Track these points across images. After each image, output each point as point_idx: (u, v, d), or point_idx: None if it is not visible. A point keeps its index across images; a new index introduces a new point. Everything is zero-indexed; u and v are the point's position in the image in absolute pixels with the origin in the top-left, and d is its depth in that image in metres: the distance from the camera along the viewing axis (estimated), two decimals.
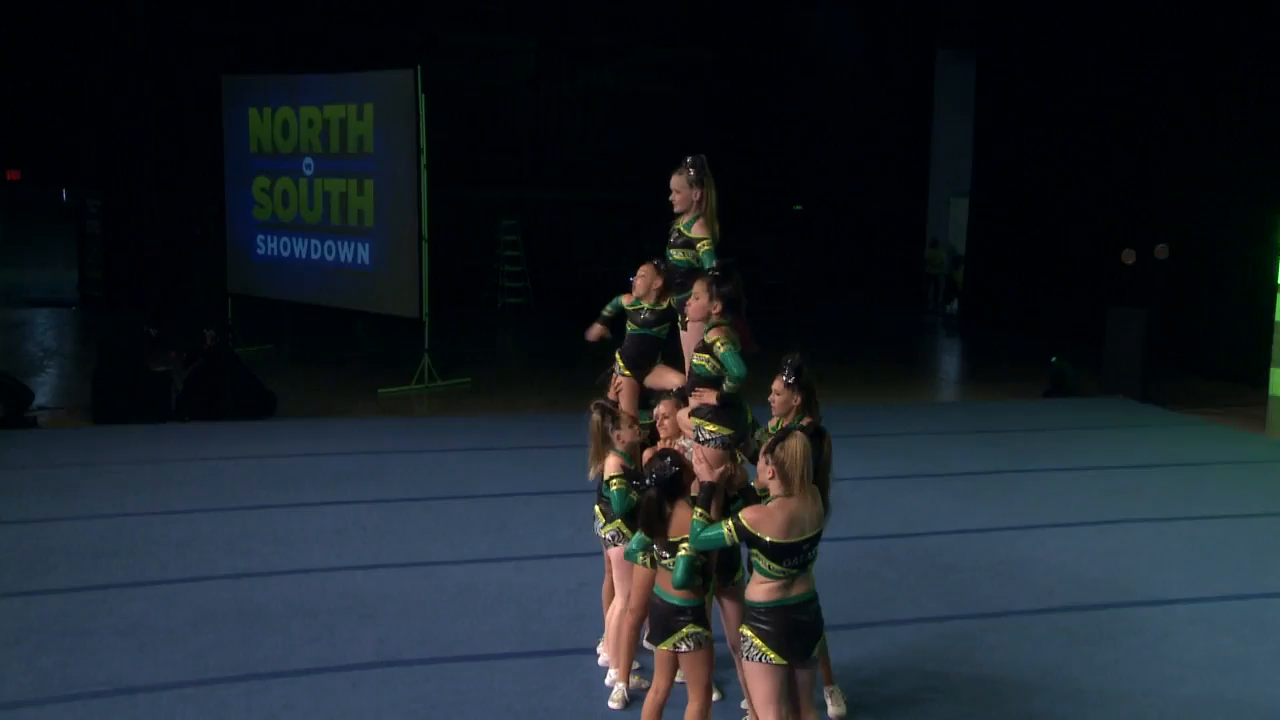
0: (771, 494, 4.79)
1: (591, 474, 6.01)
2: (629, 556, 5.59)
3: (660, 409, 5.98)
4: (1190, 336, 16.47)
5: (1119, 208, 18.41)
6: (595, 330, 6.67)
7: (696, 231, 6.05)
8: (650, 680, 5.38)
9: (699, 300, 5.59)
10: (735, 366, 5.43)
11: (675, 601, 5.03)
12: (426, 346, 15.08)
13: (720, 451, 5.03)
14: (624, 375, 6.31)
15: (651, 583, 5.60)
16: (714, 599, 5.32)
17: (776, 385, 5.88)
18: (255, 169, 17.20)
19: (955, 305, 24.73)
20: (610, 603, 6.29)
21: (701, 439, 5.07)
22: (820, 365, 5.51)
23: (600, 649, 6.45)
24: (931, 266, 25.65)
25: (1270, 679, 6.45)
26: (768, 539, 4.68)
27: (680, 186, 6.11)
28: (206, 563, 8.00)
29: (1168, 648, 6.85)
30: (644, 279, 6.39)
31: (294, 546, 8.38)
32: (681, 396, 5.83)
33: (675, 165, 6.17)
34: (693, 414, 5.32)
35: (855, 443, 11.24)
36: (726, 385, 5.48)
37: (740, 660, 4.92)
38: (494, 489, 10.00)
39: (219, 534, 8.64)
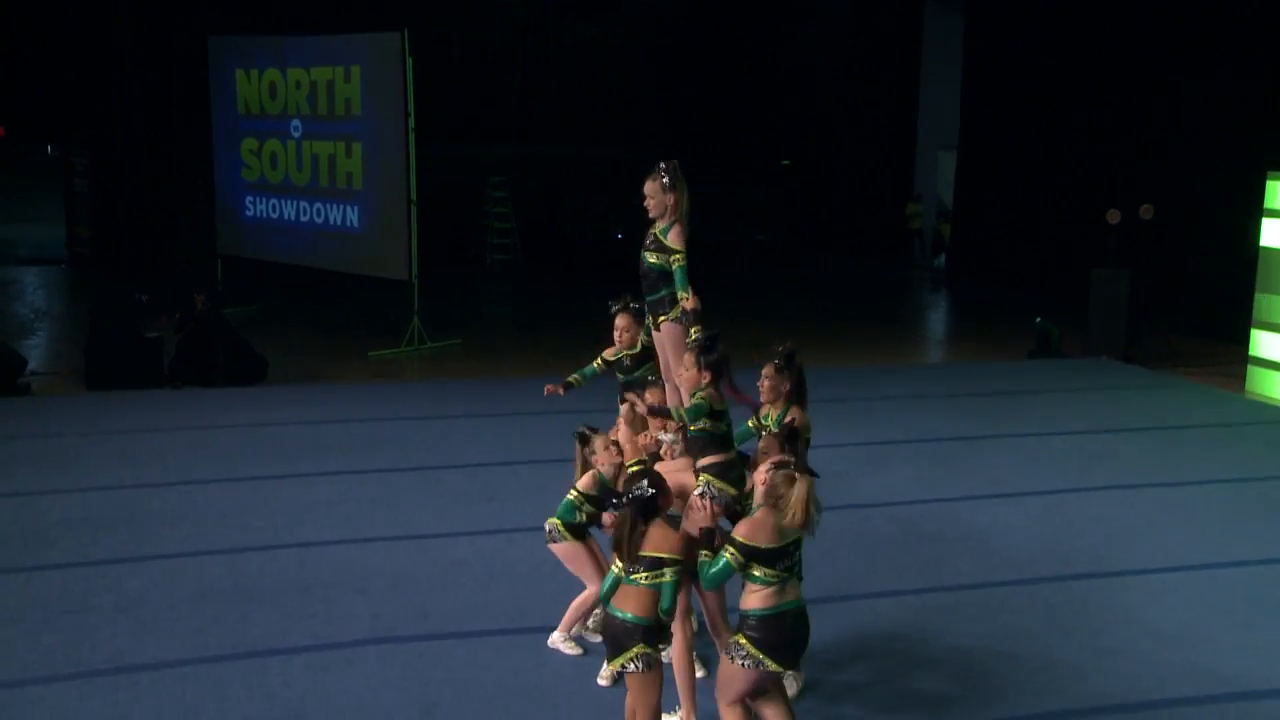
0: (757, 503, 4.96)
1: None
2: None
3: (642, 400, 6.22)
4: (1174, 295, 16.60)
5: (1105, 166, 18.49)
6: (552, 389, 6.79)
7: (673, 241, 6.15)
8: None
9: (689, 372, 5.65)
10: (690, 413, 5.55)
11: (628, 619, 4.99)
12: (416, 309, 15.18)
13: (721, 508, 5.40)
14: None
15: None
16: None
17: (767, 370, 6.04)
18: (243, 130, 17.21)
19: (942, 260, 24.84)
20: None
21: (709, 495, 5.41)
22: (806, 324, 5.62)
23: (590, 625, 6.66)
24: (913, 221, 25.74)
25: (1243, 648, 6.64)
26: (764, 547, 4.83)
27: (654, 192, 6.20)
28: (204, 537, 8.15)
29: (1144, 618, 7.04)
30: (626, 331, 6.62)
31: (289, 519, 8.53)
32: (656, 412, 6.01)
33: (648, 171, 6.26)
34: (701, 470, 5.56)
35: (835, 408, 11.38)
36: (676, 416, 5.65)
37: (726, 659, 5.03)
38: (485, 458, 10.15)
39: (215, 507, 8.78)
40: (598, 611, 6.24)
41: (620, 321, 6.64)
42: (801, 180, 27.13)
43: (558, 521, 6.20)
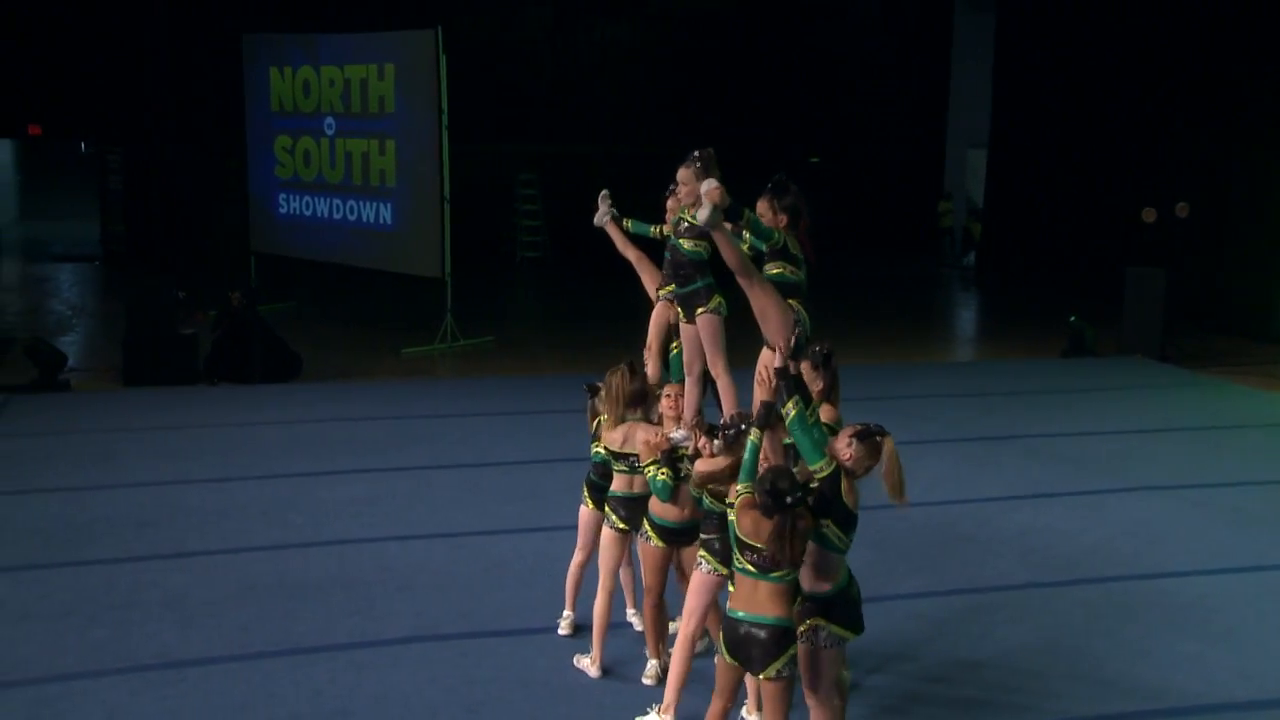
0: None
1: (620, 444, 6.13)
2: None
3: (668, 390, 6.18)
4: (1210, 295, 16.49)
5: (1139, 164, 18.36)
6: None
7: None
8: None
9: (764, 217, 5.57)
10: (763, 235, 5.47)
11: (781, 622, 4.70)
12: (449, 306, 15.23)
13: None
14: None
15: (661, 562, 5.90)
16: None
17: (804, 367, 6.01)
18: (277, 128, 17.30)
19: (971, 258, 24.75)
20: (576, 575, 6.63)
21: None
22: (836, 321, 5.58)
23: (631, 616, 6.69)
24: (944, 219, 25.67)
25: (1260, 645, 6.60)
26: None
27: (688, 180, 6.10)
28: (244, 533, 8.21)
29: (1189, 620, 7.00)
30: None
31: (328, 516, 8.58)
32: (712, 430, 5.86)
33: (682, 159, 6.20)
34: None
35: (870, 405, 11.21)
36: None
37: (806, 649, 4.89)
38: (521, 455, 10.18)
39: (255, 503, 8.85)
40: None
41: (673, 204, 6.27)
42: (830, 178, 27.05)
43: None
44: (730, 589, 5.16)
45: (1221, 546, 8.27)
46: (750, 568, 4.68)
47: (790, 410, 4.78)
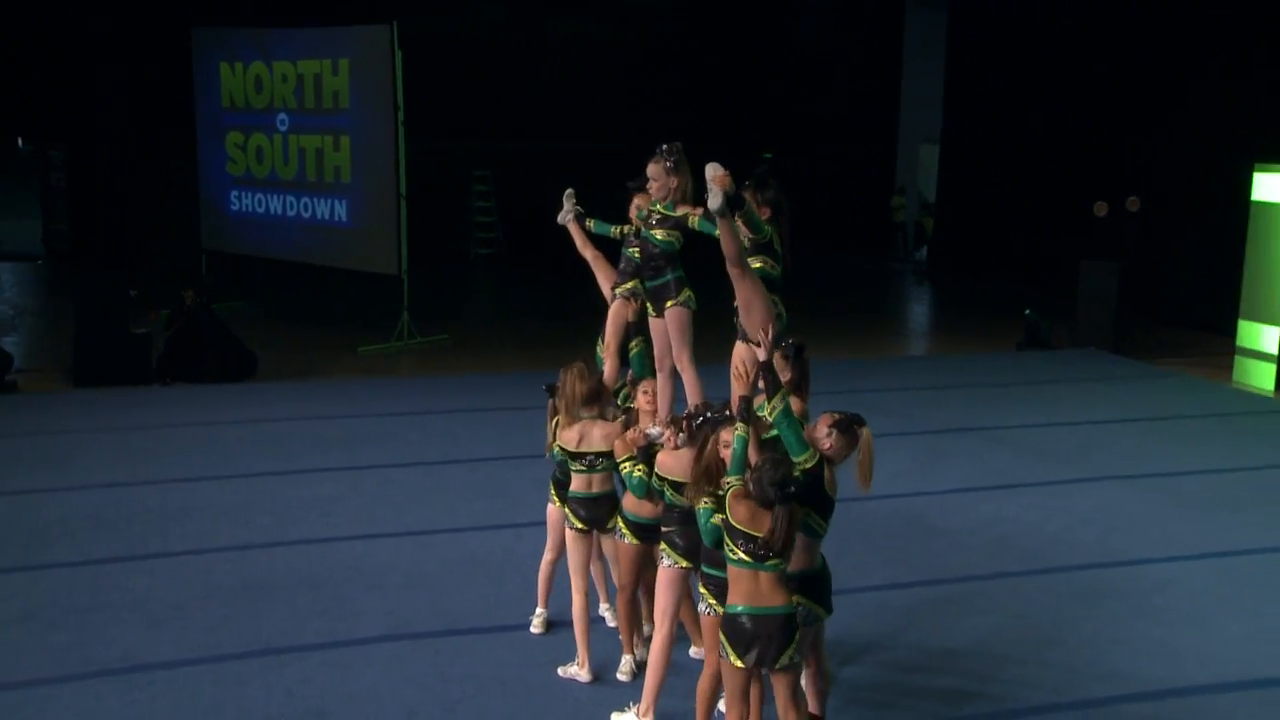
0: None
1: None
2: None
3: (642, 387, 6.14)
4: (1160, 287, 16.69)
5: (1092, 159, 18.56)
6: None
7: (681, 209, 6.03)
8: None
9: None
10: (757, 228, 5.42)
11: (789, 610, 4.77)
12: (406, 304, 15.10)
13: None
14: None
15: (637, 559, 5.85)
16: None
17: (775, 359, 5.98)
18: (228, 124, 17.08)
19: (924, 253, 24.93)
20: (547, 572, 6.57)
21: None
22: (791, 316, 5.55)
23: (604, 611, 6.66)
24: (897, 214, 25.86)
25: (1253, 635, 6.70)
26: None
27: (658, 175, 6.10)
28: (207, 534, 8.08)
29: (1153, 606, 7.09)
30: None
31: (292, 515, 8.47)
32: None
33: (636, 156, 6.19)
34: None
35: (828, 400, 11.24)
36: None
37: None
38: (486, 452, 10.11)
39: (216, 503, 8.72)
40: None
41: (640, 201, 6.27)
42: (784, 174, 27.12)
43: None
44: (702, 588, 5.16)
45: (1180, 534, 8.38)
46: (746, 558, 4.67)
47: (777, 404, 4.80)
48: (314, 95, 15.76)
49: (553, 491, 6.49)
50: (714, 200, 5.10)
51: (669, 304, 6.02)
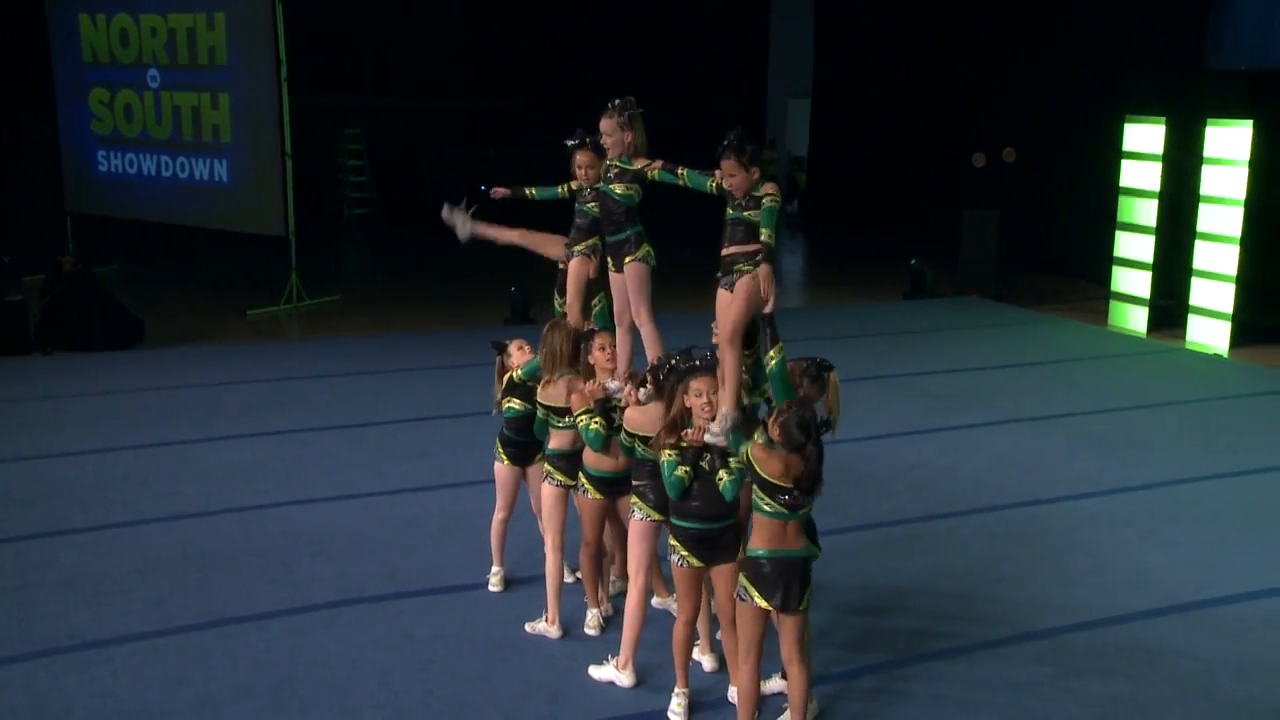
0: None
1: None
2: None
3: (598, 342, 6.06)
4: (1035, 235, 17.24)
5: (967, 110, 18.96)
6: (501, 192, 6.79)
7: (639, 162, 6.08)
8: None
9: (734, 177, 5.42)
10: (769, 221, 5.28)
11: (808, 552, 4.97)
12: (294, 265, 14.75)
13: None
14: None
15: (600, 513, 5.88)
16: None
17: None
18: (91, 80, 16.34)
19: (795, 206, 25.33)
20: (500, 530, 6.57)
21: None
22: (675, 273, 5.58)
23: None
24: (770, 168, 26.19)
25: (1175, 562, 7.06)
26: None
27: (611, 130, 6.10)
28: (133, 506, 7.84)
29: (1079, 540, 7.42)
30: (590, 168, 6.22)
31: (219, 483, 8.27)
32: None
33: (602, 109, 6.17)
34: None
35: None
36: (765, 236, 5.25)
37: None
38: (401, 414, 10.00)
39: (134, 473, 8.46)
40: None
41: (581, 158, 6.27)
42: (655, 129, 27.16)
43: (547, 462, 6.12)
44: (672, 540, 5.18)
45: (1089, 471, 8.74)
46: (783, 509, 4.76)
47: (774, 357, 4.89)
48: (188, 50, 15.17)
49: (500, 450, 6.44)
50: (719, 426, 5.07)
51: (628, 260, 6.01)
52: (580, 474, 5.94)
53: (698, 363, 5.29)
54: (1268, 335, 13.08)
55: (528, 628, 6.13)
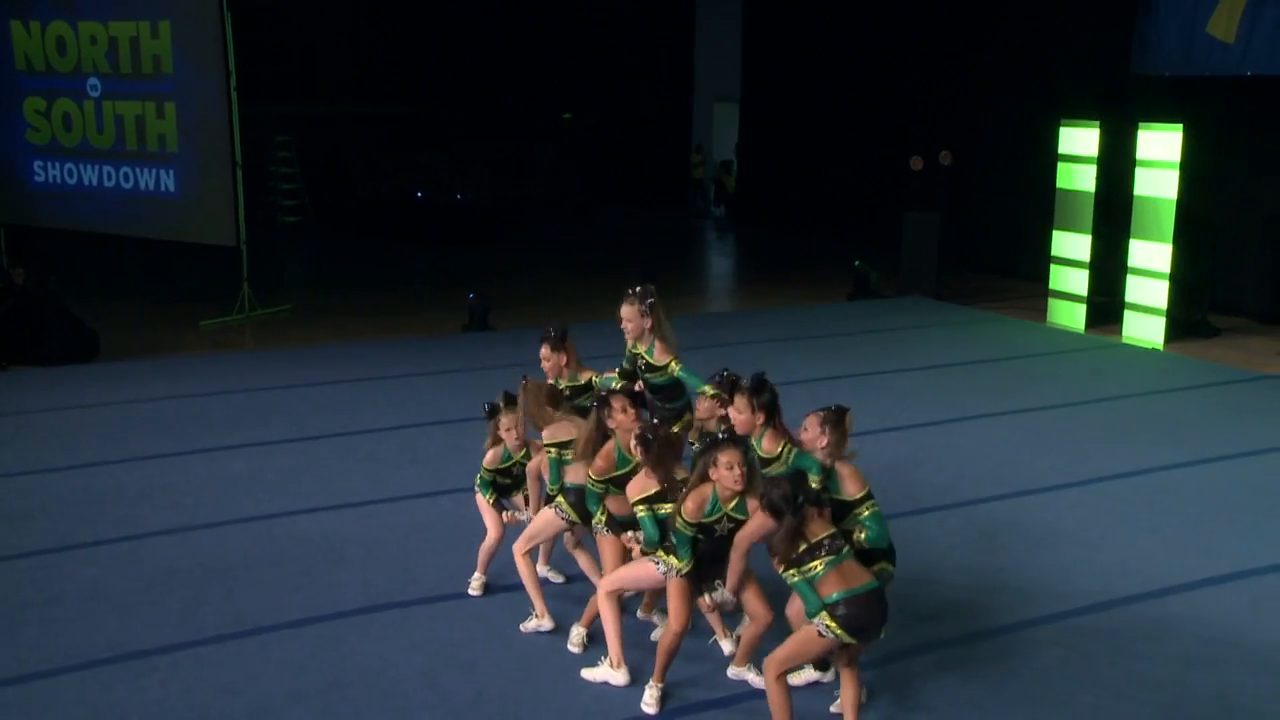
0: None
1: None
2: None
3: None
4: (971, 236, 17.72)
5: (903, 114, 19.32)
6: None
7: (659, 357, 6.62)
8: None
9: (742, 415, 5.70)
10: (812, 466, 5.54)
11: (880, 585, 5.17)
12: (245, 275, 14.69)
13: None
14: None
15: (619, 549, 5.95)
16: None
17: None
18: (25, 88, 16.01)
19: (722, 210, 25.73)
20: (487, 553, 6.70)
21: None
22: (606, 278, 5.84)
23: (545, 571, 6.94)
24: (696, 170, 26.63)
25: (1157, 549, 7.47)
26: None
27: (631, 316, 6.50)
28: (138, 519, 7.84)
29: (1065, 529, 7.79)
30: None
31: (218, 495, 8.29)
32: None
33: (624, 296, 6.66)
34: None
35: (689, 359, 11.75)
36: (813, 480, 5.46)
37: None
38: (384, 422, 10.07)
39: (129, 488, 8.44)
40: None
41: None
42: (583, 134, 27.40)
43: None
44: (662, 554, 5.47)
45: (1060, 464, 9.13)
46: (829, 557, 4.97)
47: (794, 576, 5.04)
48: (130, 59, 14.99)
49: (486, 490, 6.59)
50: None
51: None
52: (602, 515, 5.94)
53: (721, 435, 5.51)
54: (1198, 329, 13.73)
55: (522, 628, 6.31)
